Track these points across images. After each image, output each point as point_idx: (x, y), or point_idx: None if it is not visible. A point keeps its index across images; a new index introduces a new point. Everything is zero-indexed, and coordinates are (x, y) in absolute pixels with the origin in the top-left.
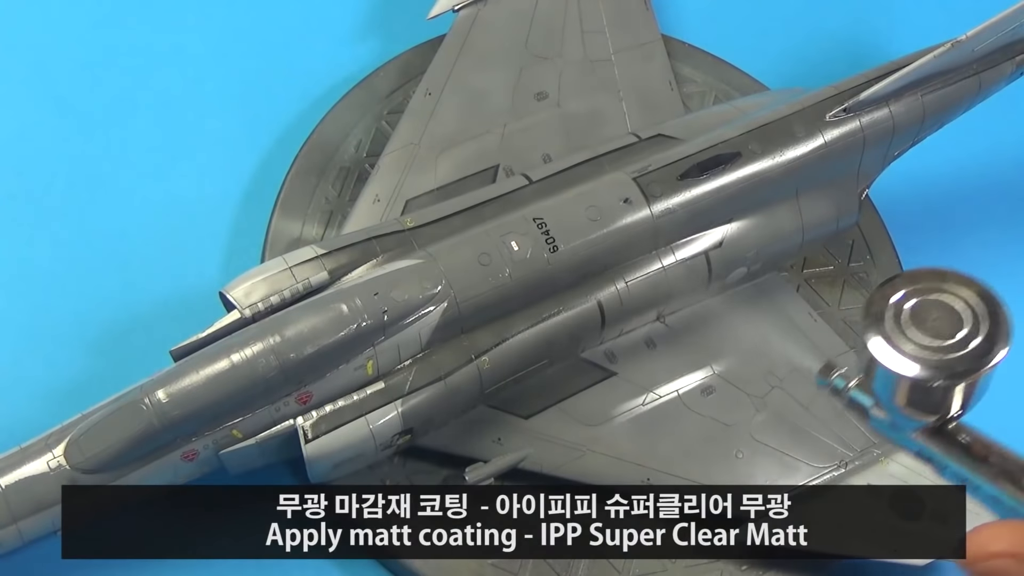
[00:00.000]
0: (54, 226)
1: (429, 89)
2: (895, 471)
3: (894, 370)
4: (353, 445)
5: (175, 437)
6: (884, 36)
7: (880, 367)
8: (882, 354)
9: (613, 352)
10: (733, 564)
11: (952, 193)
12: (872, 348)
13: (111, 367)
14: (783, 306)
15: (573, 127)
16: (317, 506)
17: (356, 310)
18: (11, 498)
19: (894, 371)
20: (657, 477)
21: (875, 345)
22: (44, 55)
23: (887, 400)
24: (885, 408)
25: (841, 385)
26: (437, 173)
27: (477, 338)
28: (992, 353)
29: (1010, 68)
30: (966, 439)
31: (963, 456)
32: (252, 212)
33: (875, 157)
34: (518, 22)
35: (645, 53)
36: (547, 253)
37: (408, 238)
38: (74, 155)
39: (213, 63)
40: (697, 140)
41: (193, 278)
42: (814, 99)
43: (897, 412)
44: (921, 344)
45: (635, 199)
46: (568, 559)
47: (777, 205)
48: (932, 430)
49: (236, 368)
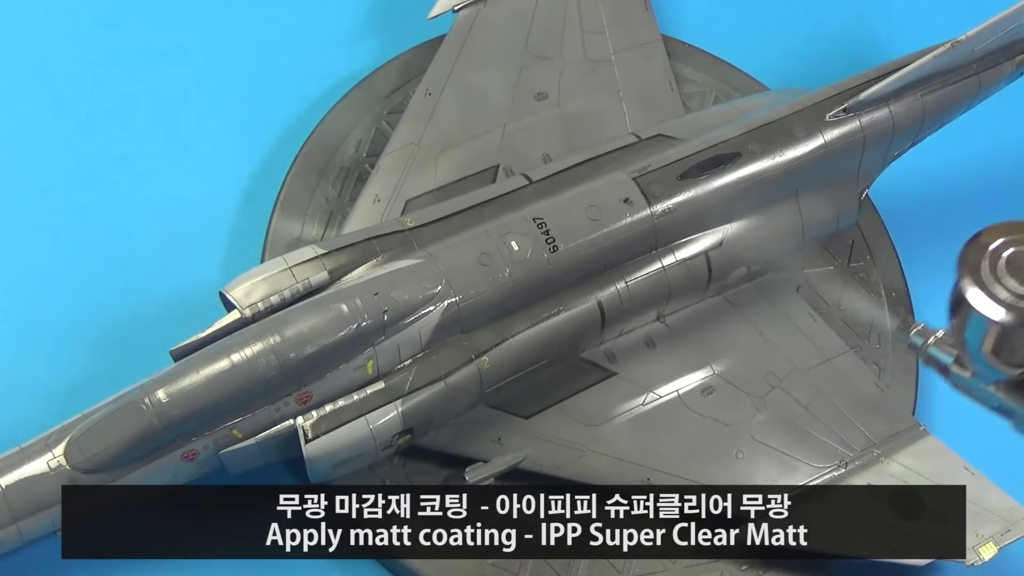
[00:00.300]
0: (54, 226)
1: (429, 89)
2: (895, 471)
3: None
4: (353, 445)
5: (175, 437)
6: (884, 36)
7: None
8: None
9: (613, 352)
10: (733, 564)
11: (952, 193)
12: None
13: (111, 367)
14: (783, 306)
15: (573, 127)
16: (317, 506)
17: (356, 310)
18: (11, 498)
19: (986, 316)
20: (657, 477)
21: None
22: (44, 55)
23: (975, 349)
24: (971, 358)
25: (919, 343)
26: (437, 173)
27: (477, 338)
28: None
29: (1010, 68)
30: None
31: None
32: (252, 212)
33: (875, 157)
34: (518, 22)
35: (645, 53)
36: (547, 253)
37: (408, 238)
38: (74, 155)
39: (213, 63)
40: (697, 140)
41: (193, 278)
42: (814, 99)
43: (983, 363)
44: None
45: (635, 199)
46: (568, 559)
47: (777, 205)
48: (1015, 383)
49: (236, 368)
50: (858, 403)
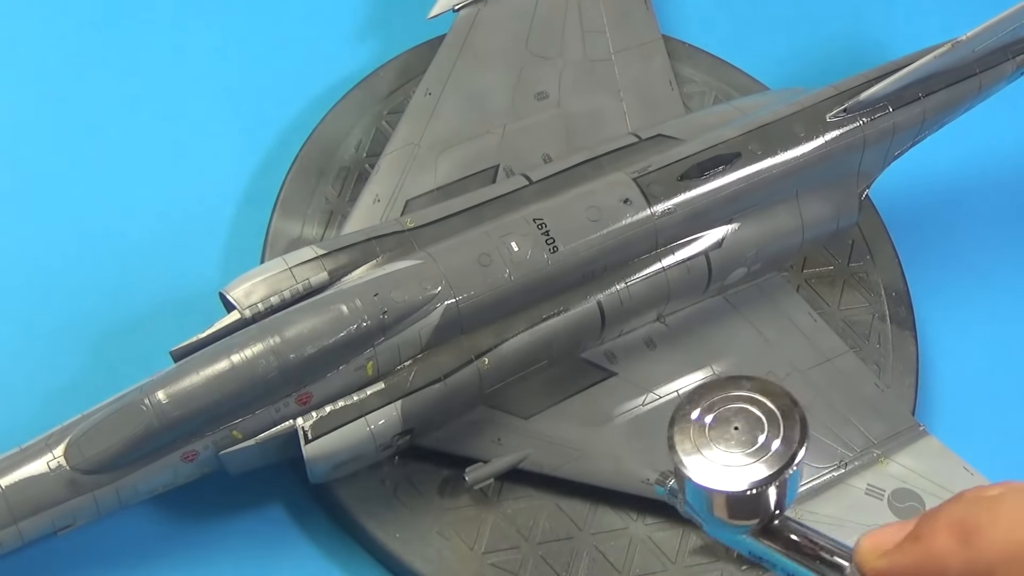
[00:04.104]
0: (54, 226)
1: (429, 89)
2: (895, 471)
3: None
4: (353, 445)
5: (175, 438)
6: (884, 36)
7: (691, 485)
8: (693, 473)
9: (613, 352)
10: (733, 564)
11: (952, 193)
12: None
13: (111, 367)
14: (783, 306)
15: (573, 127)
16: (318, 506)
17: (356, 311)
18: (11, 498)
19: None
20: None
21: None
22: (44, 55)
23: (706, 514)
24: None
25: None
26: (437, 173)
27: (477, 338)
28: (795, 452)
29: (1011, 68)
30: (792, 535)
31: (791, 551)
32: (252, 212)
33: (875, 157)
34: (518, 22)
35: (645, 53)
36: (547, 254)
37: (408, 238)
38: (74, 155)
39: (213, 63)
40: (697, 140)
41: (193, 278)
42: (814, 99)
43: (719, 523)
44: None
45: (635, 199)
46: (567, 556)
47: (777, 205)
48: (759, 531)
49: (236, 369)
50: (858, 403)
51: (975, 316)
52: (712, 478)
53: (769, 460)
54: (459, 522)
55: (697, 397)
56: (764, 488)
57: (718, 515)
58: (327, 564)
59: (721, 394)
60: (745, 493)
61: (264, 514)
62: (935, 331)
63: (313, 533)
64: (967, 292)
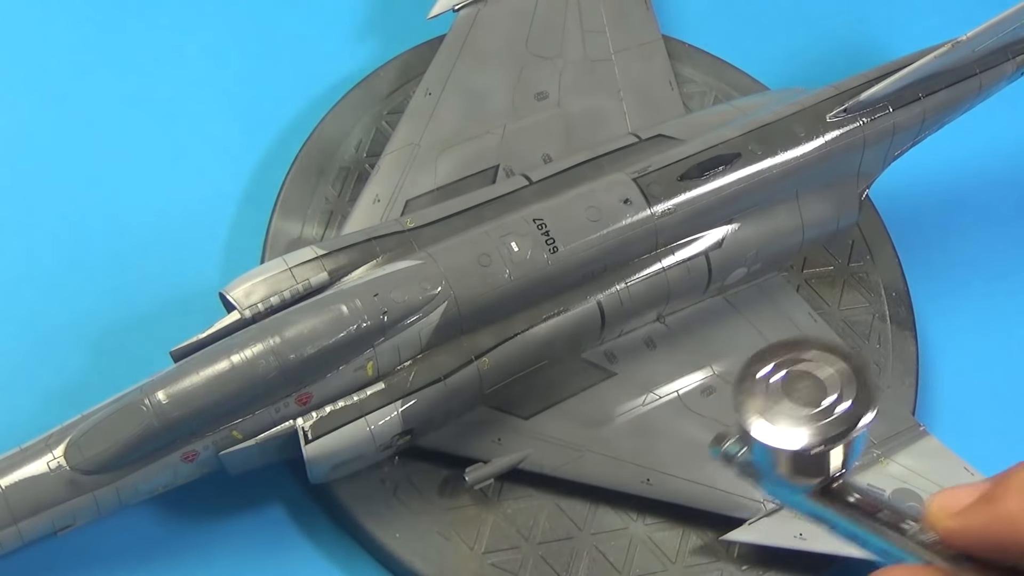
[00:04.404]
0: (54, 226)
1: (429, 89)
2: (895, 471)
3: (771, 445)
4: (353, 446)
5: (175, 438)
6: (884, 36)
7: (757, 443)
8: (759, 432)
9: (613, 352)
10: (733, 564)
11: (952, 193)
12: (748, 427)
13: (111, 367)
14: (783, 306)
15: (573, 127)
16: (318, 506)
17: (356, 311)
18: (11, 498)
19: (772, 446)
20: (657, 478)
21: (751, 423)
22: (44, 55)
23: (770, 472)
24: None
25: (733, 452)
26: (437, 173)
27: (477, 339)
28: (861, 414)
29: (1011, 68)
30: (854, 497)
31: (853, 512)
32: (252, 212)
33: (875, 157)
34: (518, 22)
35: (645, 53)
36: (547, 254)
37: (408, 239)
38: (74, 155)
39: (213, 63)
40: (697, 140)
41: (193, 278)
42: (814, 99)
43: (783, 482)
44: (793, 416)
45: (635, 199)
46: (567, 556)
47: (777, 205)
48: (820, 491)
49: (236, 369)
50: None
51: (975, 316)
52: (777, 436)
53: (835, 421)
54: (459, 522)
55: (767, 356)
56: (829, 448)
57: (781, 473)
58: (327, 564)
59: (790, 354)
60: (809, 452)
61: (264, 514)
62: (935, 331)
63: (313, 533)
64: (967, 292)
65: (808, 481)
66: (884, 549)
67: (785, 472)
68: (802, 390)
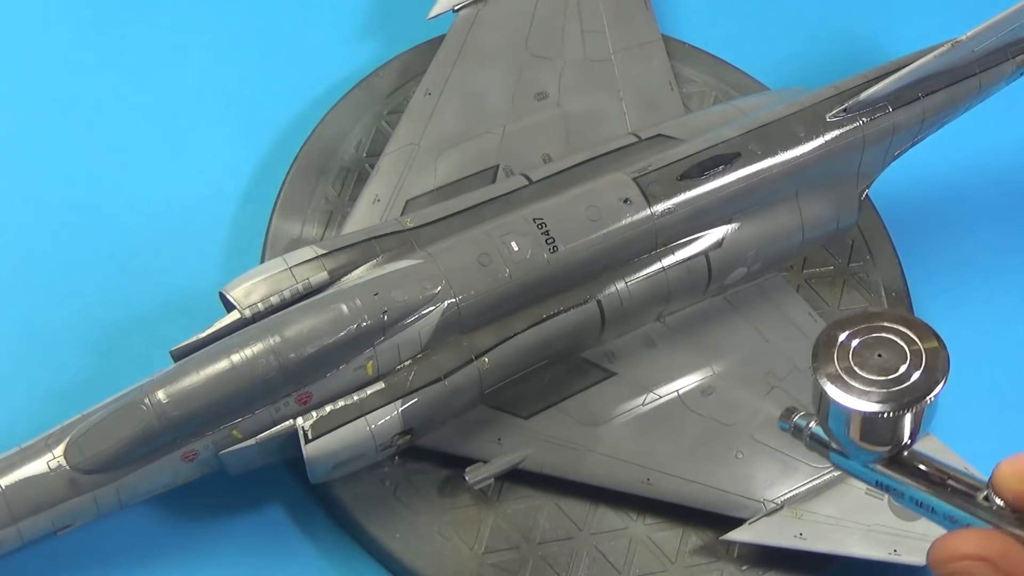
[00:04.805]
0: (54, 226)
1: (429, 89)
2: None
3: (846, 407)
4: (353, 445)
5: (175, 437)
6: (884, 36)
7: (833, 405)
8: (834, 393)
9: (613, 352)
10: (733, 564)
11: (952, 193)
12: (824, 389)
13: (111, 367)
14: (783, 306)
15: (573, 127)
16: (318, 506)
17: (356, 310)
18: (11, 498)
19: (846, 408)
20: (657, 477)
21: (827, 386)
22: (44, 56)
23: (842, 436)
24: (841, 444)
25: (803, 424)
26: (437, 173)
27: (477, 338)
28: (933, 384)
29: (1010, 68)
30: (921, 465)
31: (921, 481)
32: (252, 212)
33: (875, 157)
34: (518, 22)
35: (645, 53)
36: (547, 253)
37: (408, 238)
38: (74, 155)
39: (213, 63)
40: (697, 140)
41: (193, 278)
42: (814, 99)
43: (853, 446)
44: (868, 380)
45: (635, 199)
46: (567, 556)
47: (777, 205)
48: (888, 460)
49: (236, 368)
50: None
51: (975, 316)
52: (852, 399)
53: (908, 389)
54: (459, 522)
55: (846, 323)
56: (902, 413)
57: (852, 438)
58: (327, 564)
59: (868, 323)
60: (882, 415)
61: (264, 514)
62: None
63: (313, 533)
64: (967, 292)
65: (878, 448)
66: (952, 515)
67: (856, 436)
68: (879, 357)
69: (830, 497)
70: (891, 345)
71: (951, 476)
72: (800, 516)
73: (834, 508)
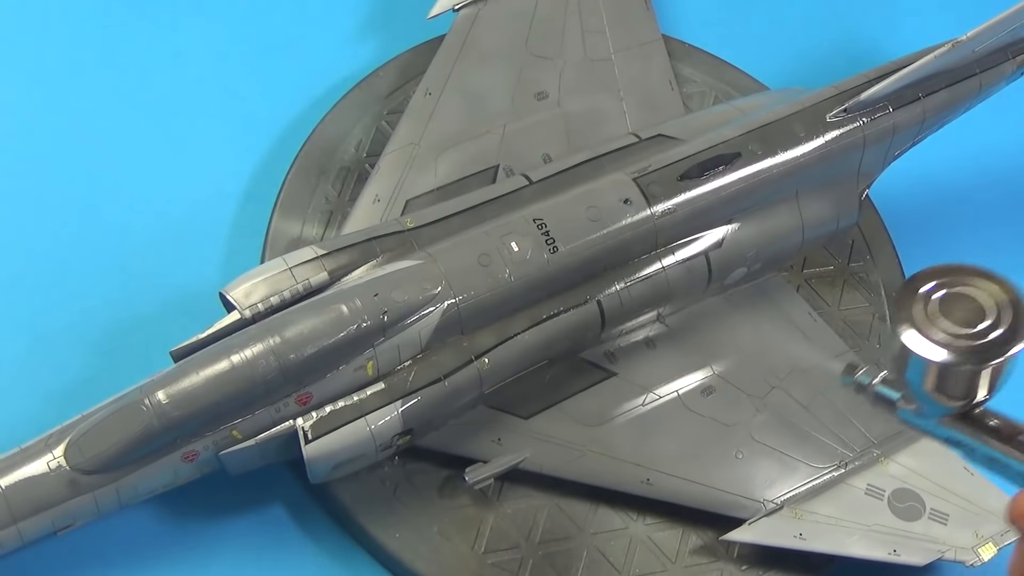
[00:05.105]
0: (54, 226)
1: (429, 89)
2: (895, 471)
3: (925, 356)
4: (353, 446)
5: (175, 438)
6: (884, 36)
7: (912, 355)
8: (913, 342)
9: (613, 352)
10: (733, 564)
11: (952, 193)
12: (904, 337)
13: (111, 367)
14: (783, 306)
15: (573, 127)
16: (318, 506)
17: (356, 311)
18: (11, 498)
19: (925, 357)
20: (657, 478)
21: (906, 334)
22: (44, 55)
23: (917, 387)
24: (915, 396)
25: (867, 381)
26: (437, 173)
27: (477, 339)
28: (1015, 341)
29: (1011, 68)
30: (994, 422)
31: (992, 437)
32: (252, 212)
33: (875, 157)
34: (518, 22)
35: (645, 53)
36: (547, 254)
37: (408, 239)
38: (74, 155)
39: (213, 63)
40: (697, 140)
41: (193, 278)
42: (814, 99)
43: (927, 399)
44: (948, 332)
45: (635, 199)
46: (567, 556)
47: (777, 205)
48: (960, 415)
49: (236, 369)
50: (858, 403)
51: None
52: (930, 348)
53: (987, 344)
54: (459, 522)
55: (929, 274)
56: (979, 368)
57: (927, 389)
58: (327, 564)
59: (952, 276)
60: (959, 367)
61: (264, 514)
62: None
63: (313, 533)
64: None
65: (951, 402)
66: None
67: (930, 388)
68: (960, 311)
69: (830, 497)
70: (974, 301)
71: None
72: (800, 516)
73: (834, 508)
